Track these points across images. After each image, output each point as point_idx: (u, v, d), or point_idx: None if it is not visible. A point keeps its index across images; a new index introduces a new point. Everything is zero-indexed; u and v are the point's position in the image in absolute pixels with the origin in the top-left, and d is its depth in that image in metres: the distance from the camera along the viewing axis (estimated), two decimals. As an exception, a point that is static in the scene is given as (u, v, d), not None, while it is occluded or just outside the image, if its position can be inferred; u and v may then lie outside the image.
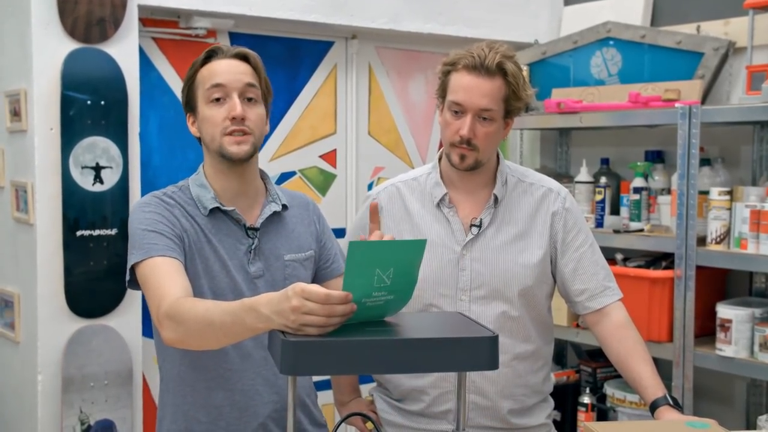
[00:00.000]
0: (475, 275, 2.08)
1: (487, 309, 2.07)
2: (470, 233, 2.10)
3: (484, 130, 2.03)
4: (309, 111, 3.59)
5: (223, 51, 1.95)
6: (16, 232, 3.03)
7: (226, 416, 1.92)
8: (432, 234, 2.10)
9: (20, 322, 3.01)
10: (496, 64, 2.00)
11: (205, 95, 1.91)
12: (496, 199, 2.12)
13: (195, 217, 1.91)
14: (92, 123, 2.91)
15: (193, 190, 1.96)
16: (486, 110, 2.01)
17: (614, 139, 3.82)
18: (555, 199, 2.16)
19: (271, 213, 1.98)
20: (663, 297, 3.19)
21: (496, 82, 2.01)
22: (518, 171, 2.20)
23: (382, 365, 1.53)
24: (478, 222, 2.10)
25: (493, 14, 3.84)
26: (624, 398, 3.41)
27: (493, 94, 2.01)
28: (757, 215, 2.94)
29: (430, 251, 2.04)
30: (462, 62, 2.03)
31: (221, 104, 1.89)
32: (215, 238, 1.92)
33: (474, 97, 2.01)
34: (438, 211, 2.13)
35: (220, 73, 1.90)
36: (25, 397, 2.97)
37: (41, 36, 2.85)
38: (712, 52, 3.31)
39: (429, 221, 2.12)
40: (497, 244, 2.10)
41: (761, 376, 3.08)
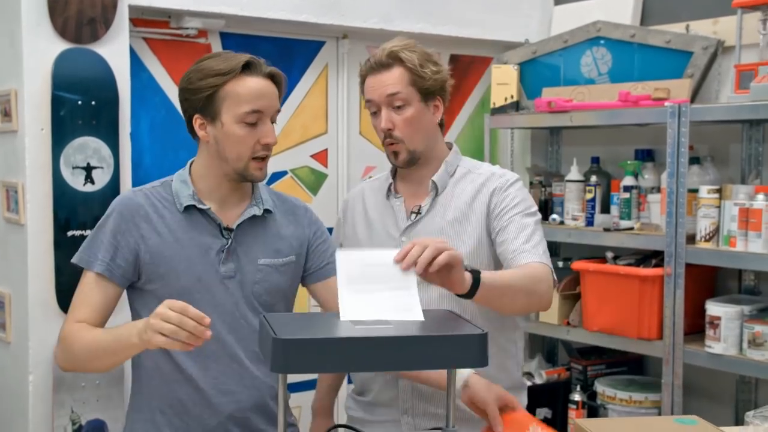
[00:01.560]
0: None
1: (425, 293, 1.98)
2: (409, 219, 2.15)
3: (401, 117, 2.07)
4: (300, 110, 3.60)
5: (259, 68, 1.95)
6: (6, 232, 3.03)
7: (190, 410, 1.96)
8: (378, 223, 2.17)
9: (11, 322, 3.01)
10: (386, 56, 2.07)
11: (238, 115, 1.91)
12: (436, 186, 2.14)
13: (165, 217, 1.96)
14: (83, 123, 2.91)
15: (174, 185, 2.00)
16: (392, 95, 2.06)
17: (604, 138, 3.83)
18: (497, 179, 2.15)
19: (250, 216, 2.00)
20: (653, 295, 3.20)
21: (394, 71, 2.07)
22: (471, 164, 2.23)
23: (372, 363, 1.54)
24: (417, 209, 2.15)
25: (483, 14, 3.85)
26: (614, 396, 3.44)
27: (393, 80, 2.07)
28: (746, 213, 2.96)
29: (374, 237, 2.15)
30: (364, 69, 2.13)
31: (254, 127, 1.93)
32: (186, 235, 1.95)
33: (377, 90, 2.08)
34: (387, 202, 2.19)
35: (259, 97, 1.93)
36: (17, 397, 2.97)
37: (32, 36, 2.85)
38: (701, 51, 3.32)
39: (380, 212, 2.19)
40: (434, 230, 2.12)
41: (750, 373, 3.11)
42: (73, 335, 1.92)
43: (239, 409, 1.97)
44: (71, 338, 1.92)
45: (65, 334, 1.93)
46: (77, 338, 1.91)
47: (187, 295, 1.86)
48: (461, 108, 4.03)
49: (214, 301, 1.95)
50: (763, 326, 2.95)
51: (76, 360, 1.94)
